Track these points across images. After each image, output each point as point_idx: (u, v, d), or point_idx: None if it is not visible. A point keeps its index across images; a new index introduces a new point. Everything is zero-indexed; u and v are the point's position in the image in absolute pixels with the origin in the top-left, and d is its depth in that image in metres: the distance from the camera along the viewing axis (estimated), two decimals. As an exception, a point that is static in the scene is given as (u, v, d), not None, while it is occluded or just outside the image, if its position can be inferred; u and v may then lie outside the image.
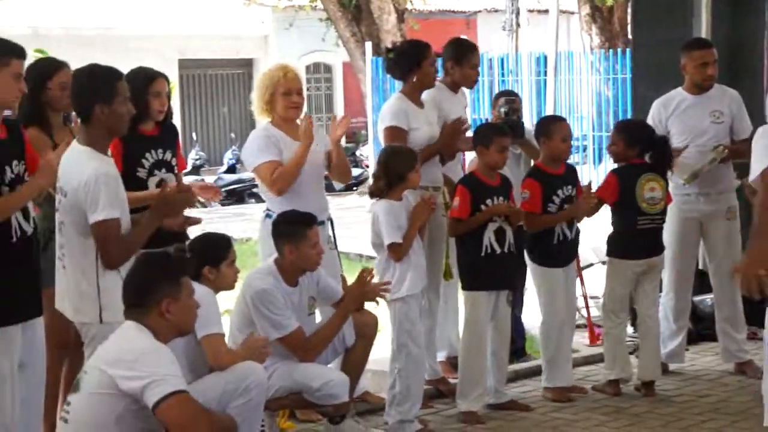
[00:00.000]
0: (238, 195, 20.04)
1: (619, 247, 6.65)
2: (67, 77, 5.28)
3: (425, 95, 6.51)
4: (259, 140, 5.92)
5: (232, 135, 25.48)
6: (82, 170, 4.61)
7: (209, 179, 18.87)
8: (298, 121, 6.00)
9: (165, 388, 3.87)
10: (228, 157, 22.19)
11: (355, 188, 18.88)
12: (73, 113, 5.26)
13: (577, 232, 6.56)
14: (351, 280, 5.86)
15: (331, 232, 6.12)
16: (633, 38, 9.46)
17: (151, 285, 4.10)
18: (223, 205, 19.15)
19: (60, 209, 4.74)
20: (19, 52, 4.68)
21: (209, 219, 15.74)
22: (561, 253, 6.50)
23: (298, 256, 5.45)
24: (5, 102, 4.68)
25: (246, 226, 13.63)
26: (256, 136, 5.98)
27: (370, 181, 6.35)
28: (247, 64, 27.67)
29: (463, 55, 6.62)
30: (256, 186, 19.76)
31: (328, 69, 28.01)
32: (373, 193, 5.98)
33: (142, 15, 25.01)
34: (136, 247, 4.75)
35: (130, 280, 4.19)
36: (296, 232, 5.44)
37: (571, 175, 6.58)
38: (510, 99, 7.04)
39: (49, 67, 5.37)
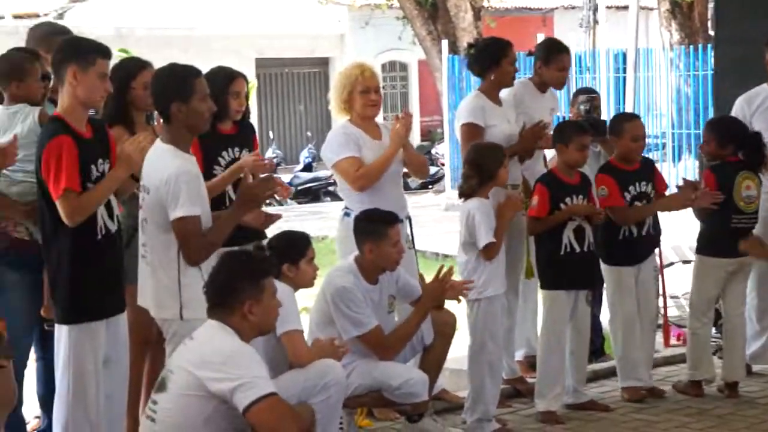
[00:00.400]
0: (313, 193, 20.10)
1: (711, 245, 6.52)
2: (150, 77, 5.34)
3: (505, 93, 6.48)
4: (339, 137, 5.93)
5: (309, 133, 25.59)
6: (164, 168, 4.66)
7: (285, 178, 18.96)
8: (377, 120, 6.03)
9: (255, 391, 3.88)
10: (304, 156, 22.27)
11: (430, 186, 18.85)
12: (156, 112, 5.34)
13: (656, 230, 6.47)
14: (428, 278, 5.84)
15: (409, 231, 6.12)
16: (715, 34, 9.32)
17: (234, 286, 4.12)
18: (299, 203, 19.24)
19: (143, 206, 4.80)
20: (104, 52, 4.75)
21: (285, 217, 15.79)
22: (629, 251, 6.41)
23: (378, 254, 5.44)
24: (91, 101, 4.75)
25: (322, 224, 13.68)
26: (336, 134, 5.99)
27: (447, 179, 6.32)
28: (324, 62, 27.78)
29: (550, 57, 6.59)
30: (332, 184, 20.05)
31: (403, 67, 28.01)
32: (465, 193, 5.95)
33: (222, 15, 25.26)
34: (216, 244, 4.78)
35: (213, 280, 4.22)
36: (377, 231, 5.44)
37: (647, 170, 6.47)
38: (590, 96, 6.98)
39: (133, 67, 5.44)
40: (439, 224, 12.92)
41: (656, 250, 6.69)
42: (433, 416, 5.84)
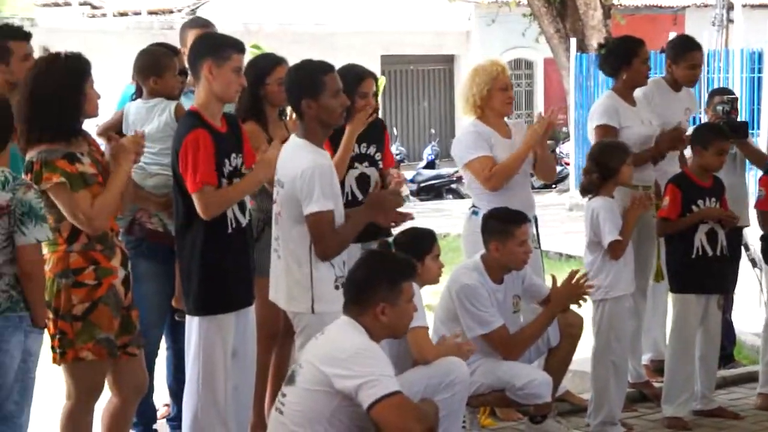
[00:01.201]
0: (436, 191, 20.11)
1: None
2: (284, 73, 5.39)
3: (638, 92, 6.39)
4: (470, 136, 5.91)
5: (432, 131, 25.61)
6: (299, 162, 4.71)
7: (408, 174, 19.00)
8: (506, 120, 6.00)
9: (380, 389, 3.89)
10: (427, 153, 22.29)
11: (554, 186, 18.69)
12: (289, 108, 5.40)
13: None
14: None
15: (535, 231, 6.07)
16: None
17: (371, 286, 4.12)
18: (421, 200, 19.26)
19: (277, 200, 4.85)
20: (239, 47, 4.82)
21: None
22: None
23: (504, 253, 5.42)
24: (227, 96, 4.81)
25: (444, 221, 13.68)
26: (468, 132, 5.97)
27: (572, 179, 6.26)
28: (449, 60, 27.76)
29: (679, 54, 6.48)
30: (454, 182, 20.00)
31: (529, 65, 27.83)
32: (585, 189, 5.92)
33: (348, 12, 25.45)
34: (347, 241, 4.83)
35: (351, 277, 4.24)
36: (505, 230, 5.42)
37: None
38: (731, 98, 6.81)
39: (267, 63, 5.48)
40: (562, 224, 12.81)
41: None
42: (557, 418, 5.79)
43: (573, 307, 5.69)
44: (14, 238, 4.19)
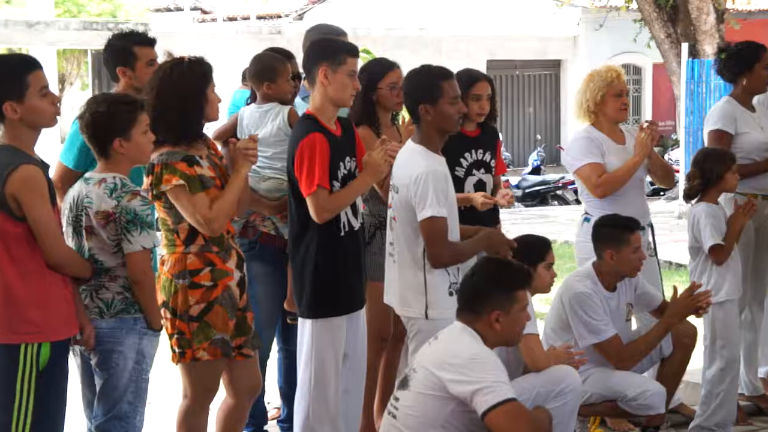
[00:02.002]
0: (541, 197, 19.93)
1: None
2: (396, 77, 5.41)
3: (758, 99, 6.27)
4: (582, 142, 5.87)
5: (538, 136, 25.46)
6: (414, 168, 4.71)
7: (513, 180, 18.91)
8: (622, 126, 5.94)
9: (496, 396, 3.88)
10: (533, 158, 22.12)
11: (662, 193, 18.42)
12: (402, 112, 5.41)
13: None
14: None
15: (651, 238, 5.99)
16: None
17: (486, 293, 4.12)
18: (526, 206, 19.14)
19: (392, 205, 4.87)
20: (353, 51, 4.85)
21: (513, 220, 15.85)
22: None
23: (619, 260, 5.37)
24: (342, 100, 4.85)
25: (549, 228, 13.60)
26: (579, 138, 5.92)
27: (681, 186, 6.17)
28: (555, 65, 27.56)
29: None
30: (560, 188, 19.80)
31: (637, 71, 27.47)
32: (689, 194, 5.87)
33: (454, 17, 25.45)
34: (463, 256, 4.80)
35: (466, 283, 4.23)
36: (618, 237, 5.37)
37: None
38: None
39: (380, 68, 5.50)
40: (671, 232, 12.63)
41: None
42: (670, 430, 5.72)
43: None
44: (122, 246, 4.25)
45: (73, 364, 4.37)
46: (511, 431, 3.86)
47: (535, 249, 5.21)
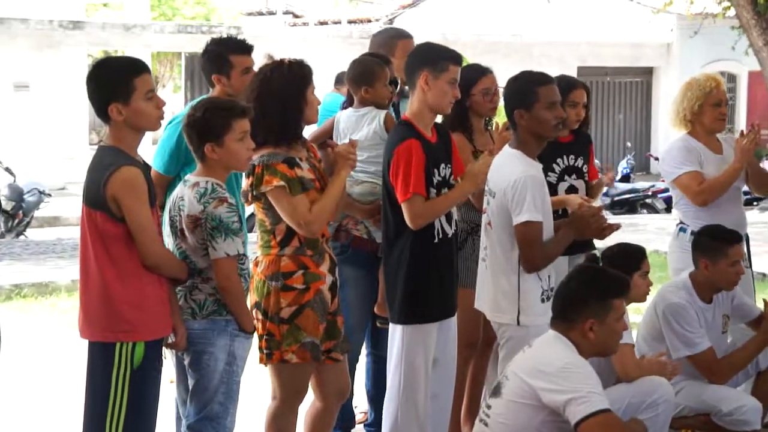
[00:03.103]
0: (630, 205, 19.71)
1: None
2: (490, 83, 5.41)
3: None
4: (680, 151, 5.82)
5: (628, 144, 25.21)
6: (511, 172, 4.70)
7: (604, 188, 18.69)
8: (718, 136, 5.85)
9: (590, 406, 3.86)
10: (622, 166, 21.92)
11: (755, 203, 18.11)
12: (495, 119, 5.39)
13: None
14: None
15: (746, 249, 5.89)
16: None
17: (580, 301, 4.09)
18: (614, 213, 18.95)
19: (487, 210, 4.86)
20: (456, 59, 4.84)
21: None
22: None
23: (715, 272, 5.30)
24: (440, 107, 4.84)
25: (639, 236, 13.40)
26: (677, 147, 5.87)
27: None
28: (647, 72, 27.26)
29: None
30: (649, 197, 19.55)
31: (731, 79, 27.04)
32: None
33: (546, 23, 25.31)
34: (555, 255, 4.79)
35: (561, 291, 4.21)
36: (718, 248, 5.30)
37: None
38: None
39: (473, 74, 5.47)
40: (765, 243, 12.41)
41: None
42: (765, 445, 5.62)
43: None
44: (209, 252, 4.26)
45: (169, 364, 4.43)
46: (604, 439, 3.83)
47: (631, 257, 5.17)
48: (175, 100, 25.21)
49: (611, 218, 17.41)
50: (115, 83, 4.10)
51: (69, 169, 19.76)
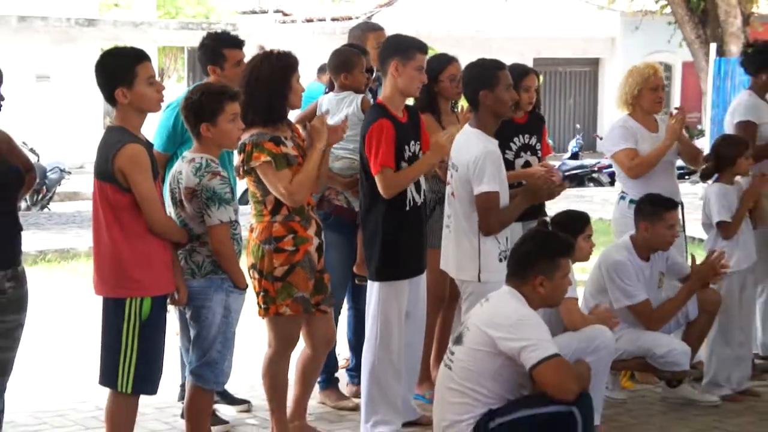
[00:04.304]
0: (579, 179, 19.78)
1: None
2: (456, 70, 5.40)
3: None
4: (619, 130, 5.82)
5: (577, 126, 25.24)
6: (472, 149, 4.71)
7: (555, 164, 18.74)
8: (656, 117, 5.87)
9: (541, 352, 3.86)
10: (572, 145, 21.93)
11: (687, 177, 18.20)
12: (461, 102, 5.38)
13: None
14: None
15: (681, 216, 5.92)
16: None
17: (532, 260, 4.08)
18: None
19: (451, 182, 4.86)
20: (422, 48, 4.83)
21: (553, 200, 15.76)
22: None
23: (653, 234, 5.34)
24: (409, 91, 4.84)
25: (586, 206, 13.38)
26: (616, 127, 5.88)
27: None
28: (594, 63, 27.32)
29: None
30: (595, 172, 19.59)
31: (667, 68, 27.04)
32: (704, 175, 5.84)
33: (505, 19, 25.28)
34: (510, 220, 4.81)
35: (515, 251, 4.20)
36: (656, 213, 5.33)
37: None
38: None
39: (440, 62, 5.47)
40: (695, 211, 12.49)
41: None
42: (692, 383, 5.67)
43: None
44: (204, 219, 4.24)
45: (173, 317, 4.44)
46: (556, 383, 3.84)
47: (576, 222, 5.19)
48: (179, 90, 25.04)
49: (562, 192, 17.55)
50: (120, 70, 4.09)
51: (86, 149, 19.59)
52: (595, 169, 19.56)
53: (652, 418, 5.37)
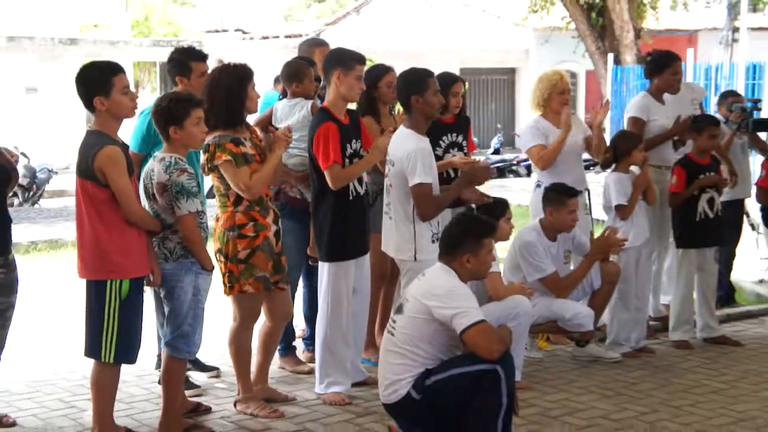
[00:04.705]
0: (500, 171, 19.91)
1: None
2: (392, 78, 5.37)
3: (668, 96, 6.21)
4: (531, 129, 5.86)
5: (498, 126, 25.44)
6: (407, 147, 4.71)
7: (481, 158, 18.85)
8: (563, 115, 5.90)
9: (470, 318, 3.85)
10: (494, 142, 22.12)
11: (593, 168, 18.41)
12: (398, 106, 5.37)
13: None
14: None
15: (588, 200, 5.98)
16: None
17: (460, 241, 4.06)
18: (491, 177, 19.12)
19: (389, 175, 4.85)
20: (361, 60, 4.81)
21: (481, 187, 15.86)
22: None
23: (557, 218, 5.38)
24: (350, 97, 4.82)
25: (507, 194, 13.49)
26: (529, 126, 5.91)
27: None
28: (511, 72, 27.43)
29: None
30: (514, 165, 19.74)
31: (573, 75, 27.19)
32: (603, 165, 5.86)
33: (435, 35, 25.36)
34: (442, 207, 4.80)
35: (446, 233, 4.17)
36: (559, 200, 5.37)
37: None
38: (756, 99, 6.68)
39: (379, 71, 5.46)
40: (599, 197, 12.66)
41: None
42: (598, 343, 5.74)
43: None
44: (174, 210, 4.18)
45: (149, 296, 4.38)
46: (483, 344, 3.84)
47: (497, 207, 5.22)
48: (153, 99, 24.67)
49: (486, 182, 17.72)
50: (98, 81, 4.02)
51: (71, 152, 19.25)
52: (515, 162, 19.74)
53: (565, 373, 5.42)
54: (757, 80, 12.66)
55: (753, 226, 7.70)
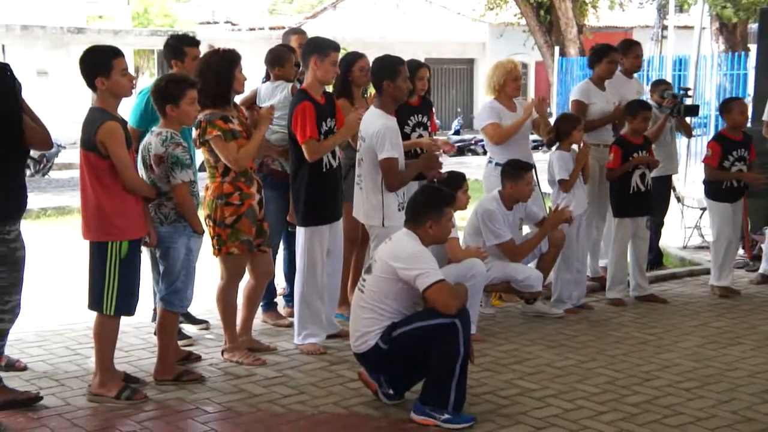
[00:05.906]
0: (460, 150, 19.94)
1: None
2: (365, 64, 5.30)
3: (609, 82, 6.21)
4: (487, 110, 5.82)
5: (458, 110, 25.46)
6: (376, 124, 4.66)
7: (443, 138, 18.83)
8: (515, 101, 5.87)
9: (431, 278, 3.82)
10: (455, 124, 22.18)
11: (540, 147, 18.46)
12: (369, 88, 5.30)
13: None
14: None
15: (535, 176, 5.95)
16: (759, 45, 8.72)
17: (423, 209, 4.02)
18: (450, 156, 19.07)
19: (360, 150, 4.81)
20: (336, 47, 4.74)
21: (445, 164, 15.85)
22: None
23: (516, 190, 5.36)
24: (326, 80, 4.76)
25: (465, 170, 13.43)
26: (486, 107, 5.86)
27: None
28: (470, 62, 27.41)
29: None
30: (473, 145, 19.74)
31: (524, 66, 27.24)
32: (547, 144, 5.85)
33: (403, 28, 25.25)
34: (407, 180, 4.76)
35: (411, 202, 4.12)
36: (518, 174, 5.35)
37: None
38: (685, 88, 6.74)
39: (352, 57, 5.39)
40: (543, 173, 12.70)
41: None
42: (544, 300, 5.75)
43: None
44: (170, 180, 4.13)
45: (146, 256, 4.31)
46: (442, 301, 3.82)
47: (456, 180, 5.19)
48: (151, 82, 24.32)
49: (448, 160, 17.67)
50: (99, 63, 3.94)
51: (78, 129, 18.95)
52: (473, 142, 19.79)
53: (514, 327, 5.43)
54: (683, 71, 12.81)
55: (678, 199, 7.77)
